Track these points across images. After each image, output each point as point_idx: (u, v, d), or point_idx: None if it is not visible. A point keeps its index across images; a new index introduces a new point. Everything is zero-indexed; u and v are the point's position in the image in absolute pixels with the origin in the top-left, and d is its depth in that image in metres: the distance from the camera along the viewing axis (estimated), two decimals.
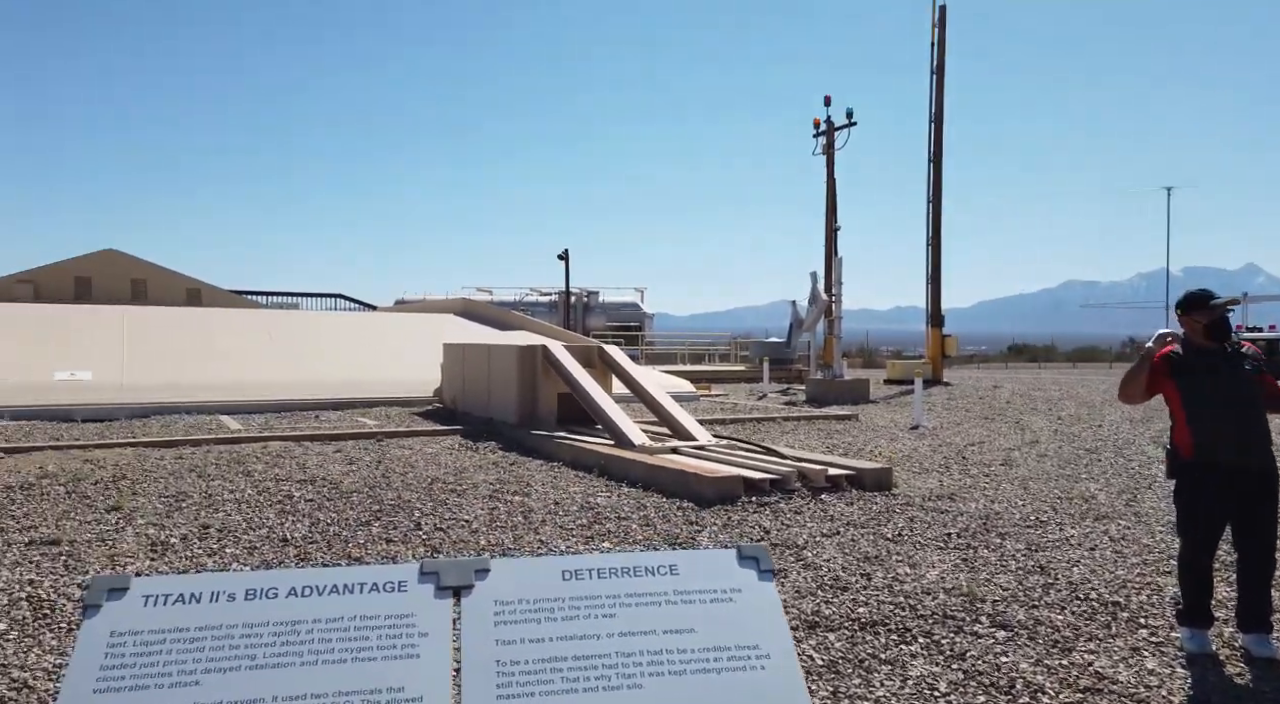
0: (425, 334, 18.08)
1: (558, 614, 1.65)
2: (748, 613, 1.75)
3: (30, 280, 22.25)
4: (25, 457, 8.14)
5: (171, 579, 1.57)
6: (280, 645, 1.54)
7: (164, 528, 5.41)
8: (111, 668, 1.45)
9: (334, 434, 9.87)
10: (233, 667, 1.50)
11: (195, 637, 1.51)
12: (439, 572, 1.67)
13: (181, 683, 1.47)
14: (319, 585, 1.62)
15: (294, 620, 1.57)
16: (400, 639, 1.59)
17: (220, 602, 1.56)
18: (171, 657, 1.49)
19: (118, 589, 1.51)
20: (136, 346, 15.00)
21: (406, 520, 5.75)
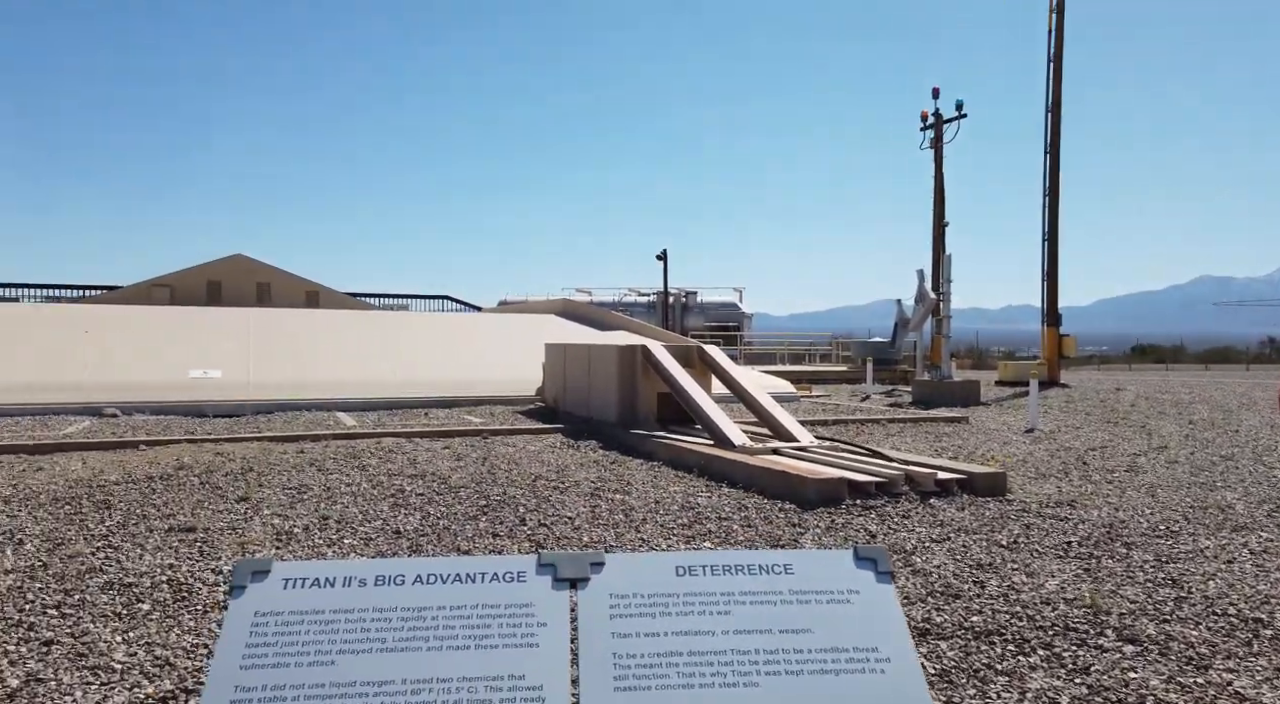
0: (527, 334, 18.49)
1: (672, 609, 1.65)
2: (866, 614, 1.70)
3: (167, 284, 23.92)
4: (164, 449, 8.74)
5: (308, 564, 1.66)
6: (408, 630, 1.61)
7: (287, 518, 5.70)
8: (256, 646, 1.54)
9: (442, 431, 10.20)
10: (365, 649, 1.57)
11: (330, 619, 1.59)
12: (556, 564, 1.70)
13: (319, 662, 1.55)
14: (442, 574, 1.67)
15: (420, 606, 1.63)
16: (520, 628, 1.63)
17: (352, 587, 1.63)
18: (309, 637, 1.57)
19: (260, 572, 1.61)
20: (261, 346, 15.90)
21: (512, 516, 5.88)
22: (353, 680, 1.53)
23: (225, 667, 1.48)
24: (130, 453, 8.53)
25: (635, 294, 38.65)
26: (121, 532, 5.24)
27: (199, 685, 2.99)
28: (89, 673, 3.10)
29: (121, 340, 15.50)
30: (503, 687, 1.53)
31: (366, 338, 17.53)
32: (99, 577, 4.28)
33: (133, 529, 5.31)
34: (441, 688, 1.53)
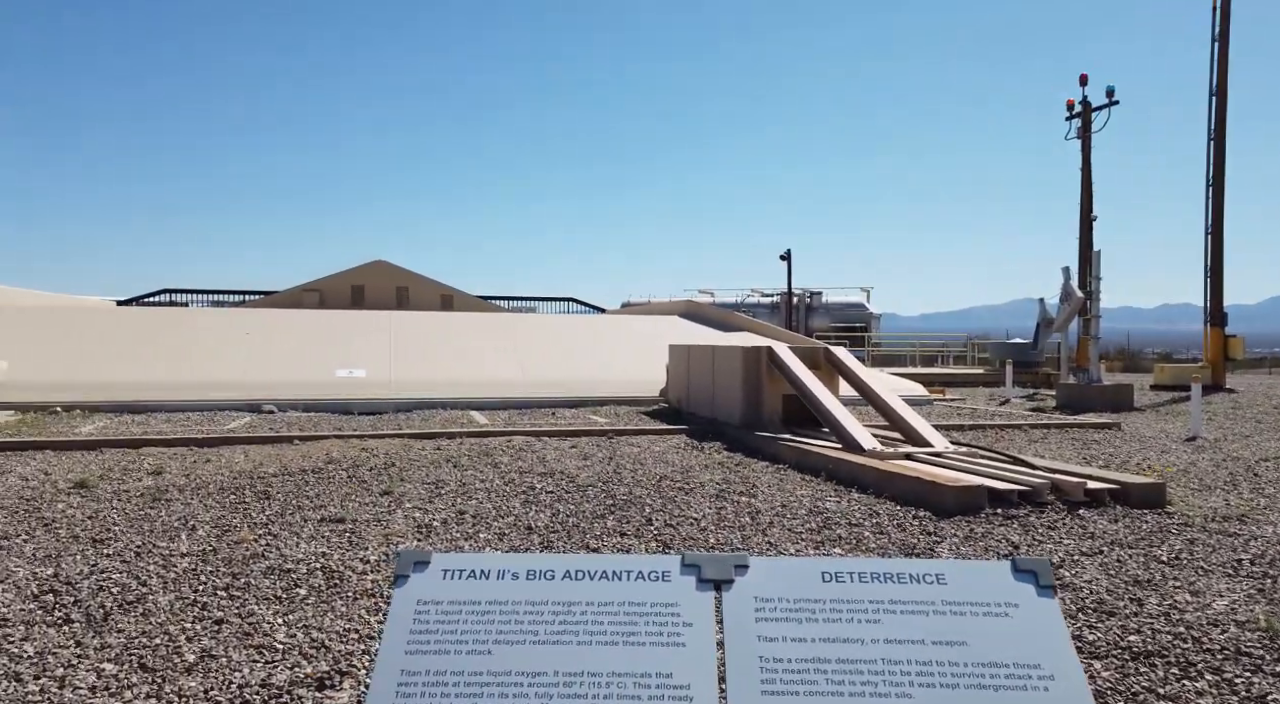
0: (651, 336, 18.63)
1: (819, 615, 1.62)
2: (1026, 630, 1.61)
3: (316, 289, 25.54)
4: (315, 444, 9.31)
5: (465, 557, 1.72)
6: (558, 624, 1.65)
7: (427, 512, 5.96)
8: (419, 633, 1.62)
9: (569, 430, 10.42)
10: (519, 640, 1.63)
11: (486, 610, 1.65)
12: (700, 565, 1.70)
13: (476, 651, 1.61)
14: (590, 570, 1.71)
15: (570, 601, 1.67)
16: (666, 627, 1.64)
17: (506, 579, 1.69)
18: (467, 626, 1.64)
19: (421, 563, 1.69)
20: (400, 347, 16.73)
21: (638, 515, 5.93)
22: (508, 670, 1.58)
23: (391, 652, 1.57)
24: (285, 447, 9.14)
25: (758, 295, 38.28)
26: (280, 521, 5.62)
27: (352, 668, 3.16)
28: (254, 651, 3.34)
29: (276, 342, 16.66)
30: (650, 684, 1.54)
31: (497, 339, 18.14)
32: (261, 562, 4.61)
33: (289, 518, 5.69)
34: (592, 682, 1.56)
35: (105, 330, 17.07)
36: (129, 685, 3.01)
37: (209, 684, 3.03)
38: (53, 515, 5.69)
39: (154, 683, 3.03)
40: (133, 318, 19.60)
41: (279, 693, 2.96)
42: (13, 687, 2.99)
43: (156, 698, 2.91)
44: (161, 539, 5.08)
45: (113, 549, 4.84)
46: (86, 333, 16.59)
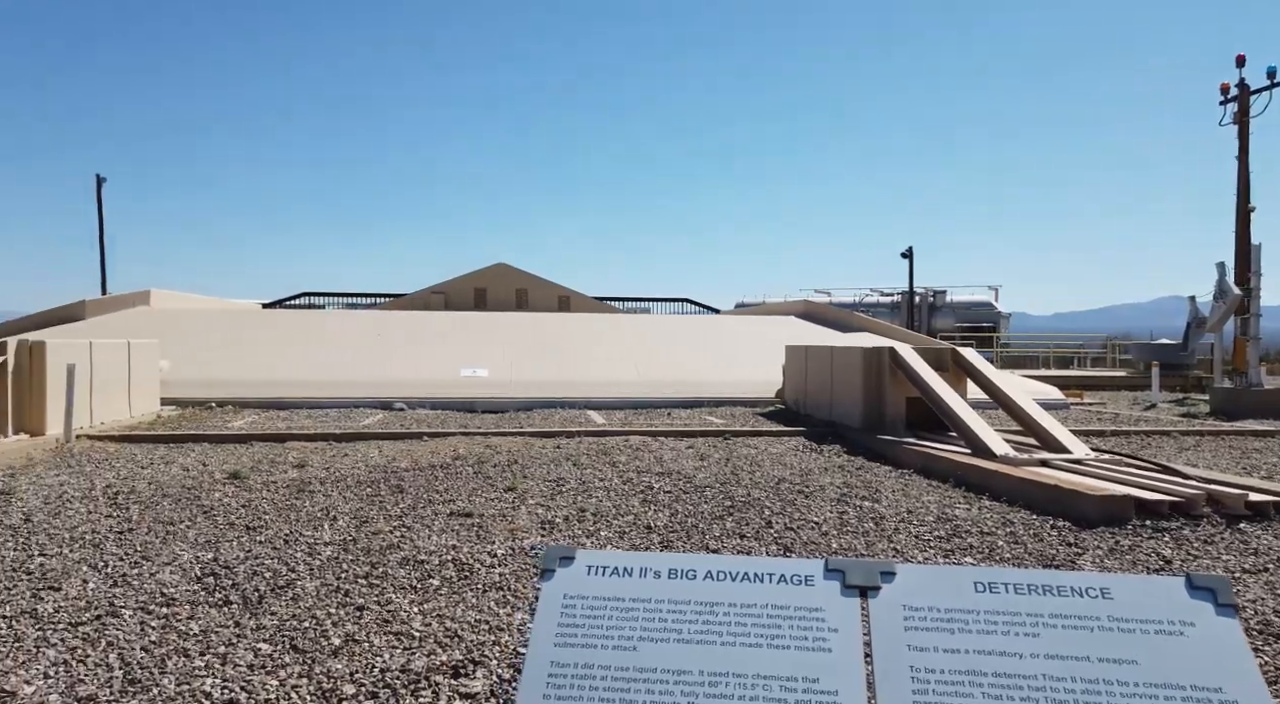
0: (766, 336, 18.44)
1: (972, 626, 1.56)
2: (1205, 650, 1.50)
3: (442, 292, 26.59)
4: (443, 441, 9.69)
5: (608, 554, 1.76)
6: (701, 623, 1.66)
7: (549, 508, 6.10)
8: (567, 626, 1.67)
9: (686, 431, 10.43)
10: (663, 638, 1.64)
11: (630, 607, 1.68)
12: (844, 571, 1.68)
13: (622, 647, 1.64)
14: (731, 571, 1.71)
15: (712, 601, 1.68)
16: (811, 632, 1.62)
17: (648, 577, 1.72)
18: (613, 622, 1.67)
19: (566, 558, 1.73)
20: (521, 348, 17.20)
21: (757, 518, 5.88)
22: (654, 667, 1.60)
23: (541, 643, 1.61)
24: (416, 443, 9.55)
25: (877, 294, 37.24)
26: (412, 513, 5.88)
27: (484, 658, 3.27)
28: (394, 638, 3.50)
29: (405, 342, 17.44)
30: (796, 688, 1.52)
31: (612, 340, 18.38)
32: (397, 552, 4.83)
33: (421, 512, 5.93)
34: (737, 683, 1.56)
35: (252, 332, 18.32)
36: (282, 665, 3.21)
37: (354, 667, 3.19)
38: (210, 503, 6.14)
39: (305, 663, 3.23)
40: (276, 320, 20.94)
41: (417, 679, 3.09)
42: (182, 661, 3.24)
43: (308, 678, 3.10)
44: (306, 528, 5.40)
45: (264, 536, 5.18)
46: (236, 334, 17.86)
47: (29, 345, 9.28)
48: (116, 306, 20.09)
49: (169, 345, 14.41)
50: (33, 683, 3.02)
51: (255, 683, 3.04)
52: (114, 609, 3.80)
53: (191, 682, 3.04)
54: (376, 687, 3.03)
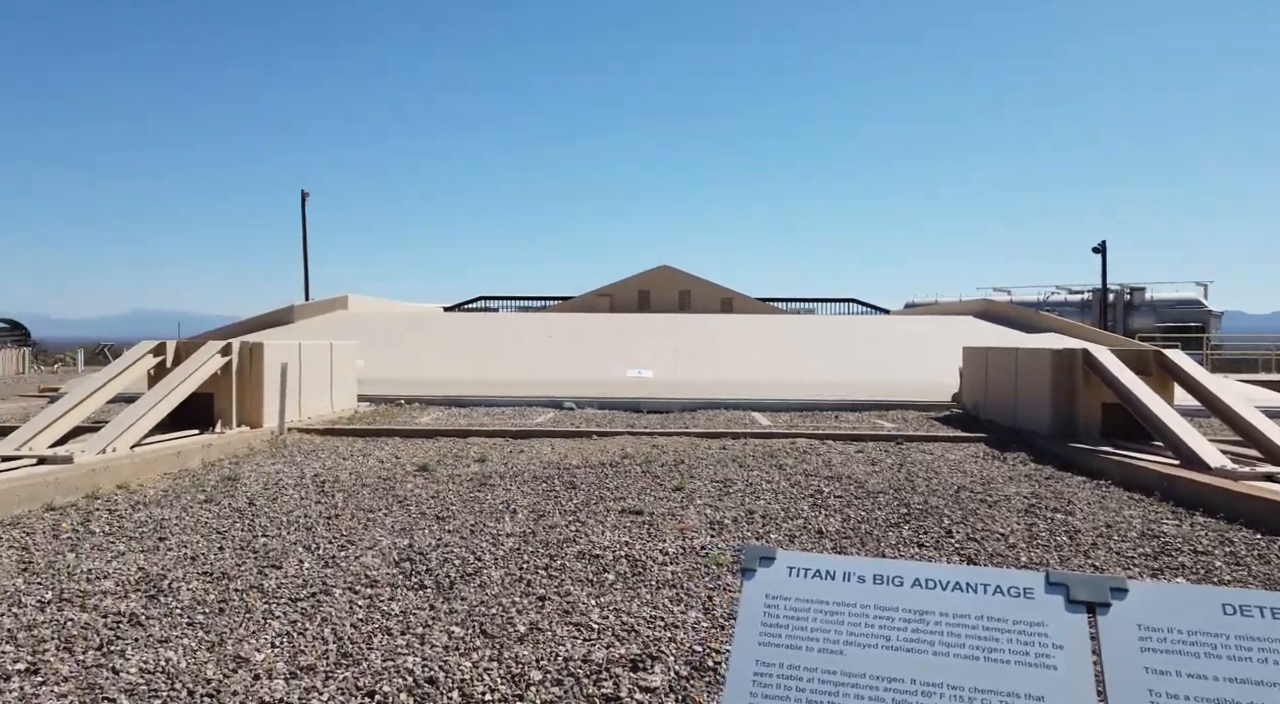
0: (940, 337, 17.62)
1: (1221, 652, 1.43)
2: None
3: (608, 294, 27.27)
4: (611, 440, 9.94)
5: (809, 556, 1.75)
6: (911, 631, 1.62)
7: (718, 509, 6.11)
8: (770, 626, 1.67)
9: (854, 435, 10.15)
10: (871, 643, 1.62)
11: (834, 610, 1.66)
12: (1068, 584, 1.58)
13: (828, 650, 1.63)
14: (941, 580, 1.66)
15: (922, 610, 1.63)
16: (1033, 647, 1.54)
17: (852, 582, 1.69)
18: (817, 625, 1.66)
19: (766, 558, 1.74)
20: (684, 348, 17.34)
21: (936, 526, 5.63)
22: (862, 673, 1.57)
23: (745, 642, 1.63)
24: (585, 441, 9.85)
25: (1065, 292, 34.68)
26: (585, 509, 6.07)
27: (661, 654, 3.33)
28: (574, 628, 3.63)
29: (573, 343, 18.03)
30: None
31: (776, 341, 18.16)
32: (573, 546, 5.00)
33: (594, 508, 6.11)
34: (953, 694, 1.51)
35: (435, 333, 19.54)
36: (474, 648, 3.41)
37: (539, 654, 3.34)
38: (404, 493, 6.61)
39: (494, 648, 3.41)
40: (456, 322, 22.23)
41: (598, 669, 3.19)
42: (386, 639, 3.51)
43: (498, 661, 3.27)
44: (489, 520, 5.70)
45: (452, 526, 5.52)
46: (421, 336, 19.11)
47: (249, 347, 10.34)
48: (319, 311, 22.01)
49: (364, 346, 15.60)
50: (262, 651, 3.36)
51: (451, 663, 3.24)
52: (326, 588, 4.17)
53: (395, 659, 3.29)
54: (561, 674, 3.15)
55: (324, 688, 3.02)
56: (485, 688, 3.04)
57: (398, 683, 3.07)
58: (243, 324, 20.66)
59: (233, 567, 4.54)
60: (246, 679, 3.09)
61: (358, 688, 3.02)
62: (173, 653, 3.31)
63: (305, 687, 3.03)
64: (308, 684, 3.05)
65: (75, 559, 4.67)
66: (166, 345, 10.28)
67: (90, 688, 2.99)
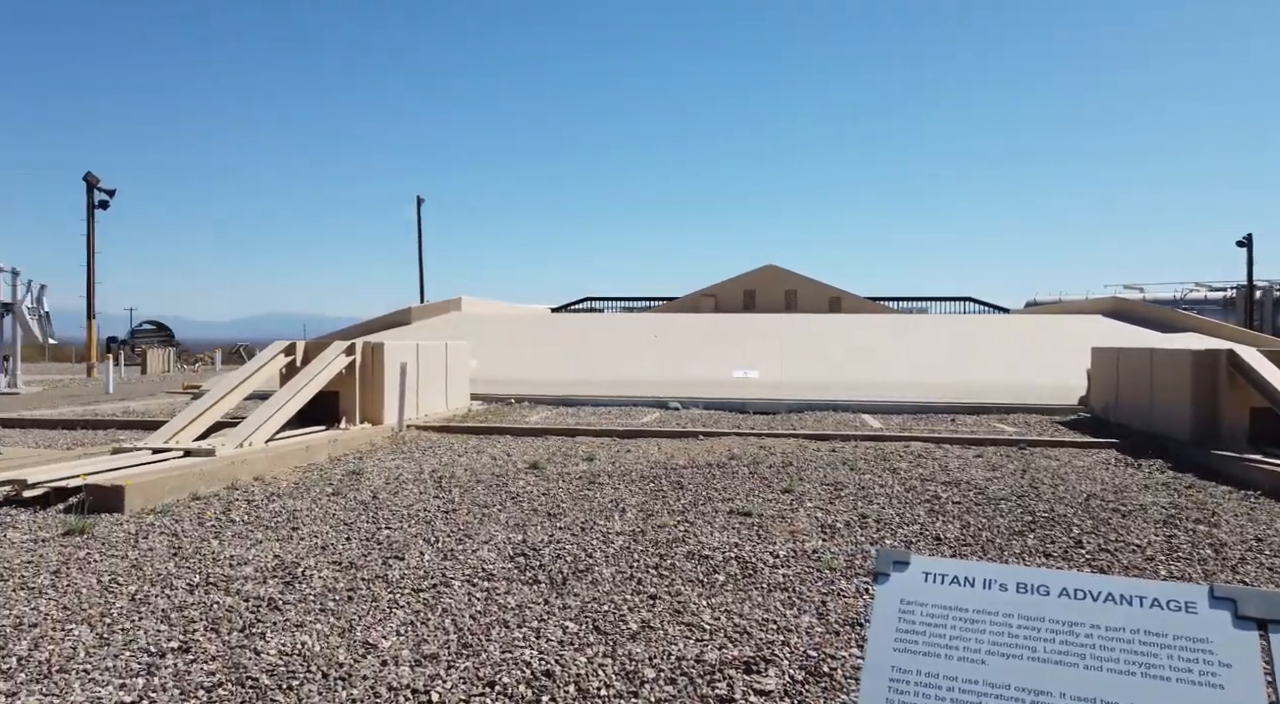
0: (1065, 337, 16.76)
1: None
2: None
3: (712, 294, 27.18)
4: (717, 440, 9.90)
5: (944, 561, 1.70)
6: (1059, 643, 1.55)
7: (829, 513, 5.99)
8: (905, 632, 1.63)
9: (973, 439, 9.76)
10: (1015, 654, 1.56)
11: (974, 618, 1.61)
12: (1236, 599, 1.48)
13: (968, 659, 1.57)
14: (1092, 591, 1.57)
15: (1071, 621, 1.56)
16: (1196, 664, 1.45)
17: (993, 590, 1.63)
18: (955, 632, 1.61)
19: (900, 562, 1.69)
20: (791, 349, 17.10)
21: (1064, 536, 5.35)
22: (1007, 684, 1.52)
23: (879, 648, 1.59)
24: (691, 442, 9.85)
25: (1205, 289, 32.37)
26: (693, 510, 6.06)
27: (775, 657, 3.29)
28: (685, 628, 3.63)
29: (678, 343, 18.06)
30: None
31: (887, 341, 17.67)
32: (682, 546, 5.00)
33: (702, 508, 6.10)
34: None
35: (543, 334, 19.95)
36: (588, 644, 3.45)
37: (652, 652, 3.35)
38: (516, 490, 6.77)
39: (608, 644, 3.45)
40: (563, 323, 22.64)
41: (711, 670, 3.18)
42: (504, 631, 3.60)
43: (611, 658, 3.30)
44: (599, 518, 5.77)
45: (563, 523, 5.62)
46: (530, 336, 19.55)
47: (371, 347, 10.83)
48: (435, 313, 22.83)
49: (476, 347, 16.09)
50: (388, 638, 3.51)
51: (567, 658, 3.29)
52: (446, 580, 4.32)
53: (513, 651, 3.37)
54: (674, 674, 3.16)
55: (446, 676, 3.13)
56: (600, 683, 3.07)
57: (516, 674, 3.14)
58: (364, 325, 21.65)
59: (359, 557, 4.76)
60: (375, 665, 3.23)
61: (478, 677, 3.12)
62: (307, 637, 3.50)
63: (429, 674, 3.14)
64: (431, 672, 3.16)
65: (219, 546, 5.00)
66: (296, 345, 10.88)
67: (235, 667, 3.19)
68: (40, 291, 19.79)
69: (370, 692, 3.00)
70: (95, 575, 4.36)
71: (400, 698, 2.95)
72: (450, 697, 2.96)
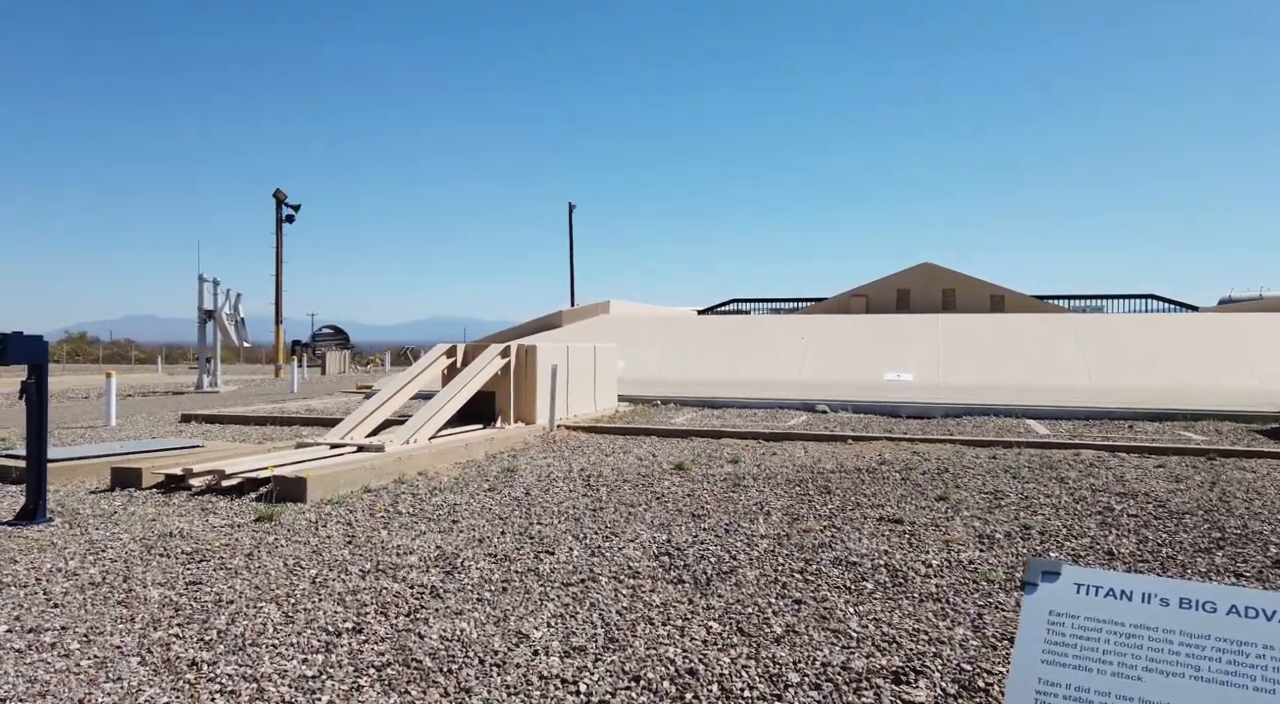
0: (1264, 337, 15.13)
1: None
2: None
3: (863, 294, 26.40)
4: (867, 445, 9.63)
5: (1098, 572, 1.61)
6: (1225, 663, 1.44)
7: (987, 522, 5.70)
8: (1054, 644, 1.56)
9: (1153, 447, 9.00)
10: (1175, 672, 1.46)
11: (1131, 633, 1.52)
12: None
13: (1123, 674, 1.49)
14: (1265, 610, 1.45)
15: (1240, 641, 1.44)
16: None
17: (1153, 604, 1.53)
18: (1110, 647, 1.53)
19: (1050, 572, 1.62)
20: (948, 351, 16.35)
21: (1259, 555, 4.85)
22: (1164, 702, 1.42)
23: (1026, 659, 1.53)
24: (839, 445, 9.63)
25: None
26: (841, 515, 5.93)
27: (925, 668, 3.18)
28: (831, 635, 3.57)
29: (827, 345, 17.66)
30: None
31: (1056, 342, 16.56)
32: (828, 552, 4.91)
33: (849, 514, 5.96)
34: None
35: (689, 336, 20.05)
36: (732, 645, 3.46)
37: (796, 657, 3.32)
38: (661, 490, 6.86)
39: (751, 646, 3.44)
40: (709, 325, 22.65)
41: (858, 678, 3.11)
42: (648, 628, 3.67)
43: (754, 660, 3.30)
44: (744, 520, 5.76)
45: (707, 524, 5.64)
46: (676, 338, 19.70)
47: (524, 349, 11.28)
48: (584, 316, 23.45)
49: (623, 349, 16.40)
50: (539, 629, 3.66)
51: (710, 658, 3.32)
52: (593, 575, 4.45)
53: (658, 648, 3.43)
54: (819, 679, 3.11)
55: (594, 668, 3.23)
56: (744, 684, 3.08)
57: (660, 671, 3.19)
58: (516, 329, 22.53)
59: (513, 550, 4.98)
60: (527, 654, 3.37)
61: (624, 671, 3.19)
62: (466, 624, 3.70)
63: (578, 666, 3.25)
64: (580, 664, 3.27)
65: (387, 535, 5.37)
66: (457, 348, 11.49)
67: (401, 649, 3.43)
68: (237, 299, 21.85)
69: (523, 679, 3.14)
70: (281, 559, 4.79)
71: (550, 687, 3.07)
72: (598, 688, 3.05)
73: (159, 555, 4.89)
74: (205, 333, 21.62)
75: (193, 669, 3.23)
